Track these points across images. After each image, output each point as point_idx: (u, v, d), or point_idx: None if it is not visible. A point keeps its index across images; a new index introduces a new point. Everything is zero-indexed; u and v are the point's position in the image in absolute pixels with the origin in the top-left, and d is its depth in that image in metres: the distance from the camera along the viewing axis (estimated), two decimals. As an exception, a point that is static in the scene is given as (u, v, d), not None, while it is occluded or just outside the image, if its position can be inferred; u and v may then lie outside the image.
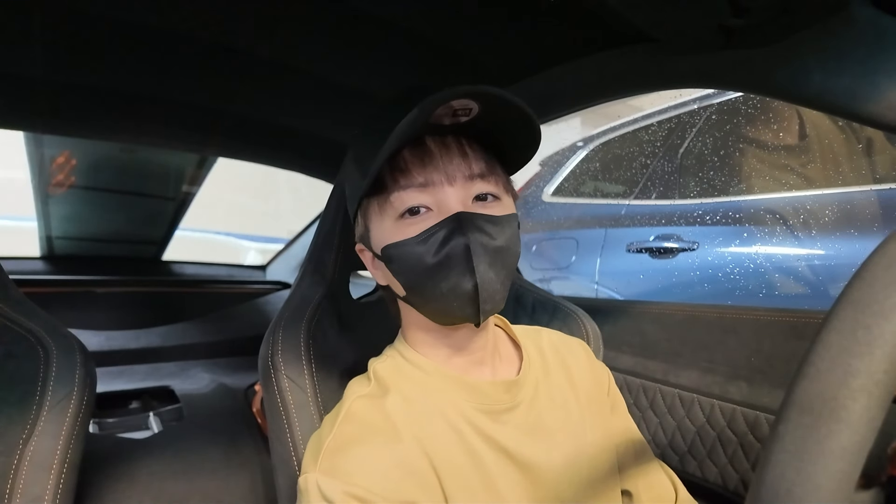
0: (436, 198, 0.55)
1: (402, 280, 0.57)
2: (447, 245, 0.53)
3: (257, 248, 3.58)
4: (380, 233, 0.58)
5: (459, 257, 0.53)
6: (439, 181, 0.55)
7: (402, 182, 0.55)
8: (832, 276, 1.48)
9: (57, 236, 2.27)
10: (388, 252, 0.56)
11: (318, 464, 0.51)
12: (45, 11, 0.88)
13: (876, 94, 0.58)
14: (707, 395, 1.08)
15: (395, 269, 0.57)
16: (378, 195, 0.56)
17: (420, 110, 0.49)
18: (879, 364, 0.30)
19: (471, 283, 0.53)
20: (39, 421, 0.79)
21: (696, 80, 0.81)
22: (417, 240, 0.54)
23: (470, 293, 0.53)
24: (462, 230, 0.53)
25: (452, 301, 0.54)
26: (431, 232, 0.54)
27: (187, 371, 2.06)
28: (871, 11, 0.58)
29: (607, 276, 2.18)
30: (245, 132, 1.55)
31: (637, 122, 2.36)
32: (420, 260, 0.54)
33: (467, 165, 0.56)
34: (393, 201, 0.55)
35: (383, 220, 0.57)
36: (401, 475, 0.51)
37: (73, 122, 1.43)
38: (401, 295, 0.60)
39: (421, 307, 0.58)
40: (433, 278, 0.54)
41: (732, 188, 1.89)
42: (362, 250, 0.64)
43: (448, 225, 0.53)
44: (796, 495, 0.30)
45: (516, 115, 0.54)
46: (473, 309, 0.54)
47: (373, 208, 0.58)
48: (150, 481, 1.19)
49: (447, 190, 0.55)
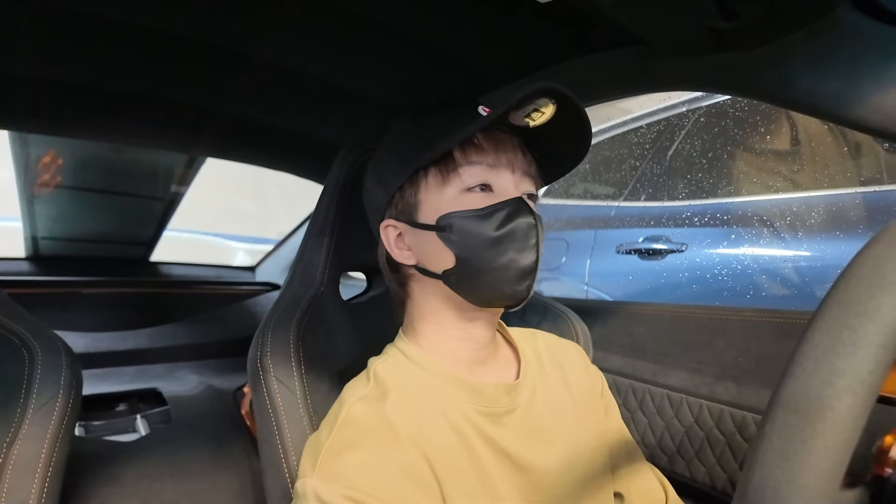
0: (499, 179, 0.59)
1: (457, 249, 0.57)
2: (511, 222, 0.56)
3: (246, 248, 3.56)
4: (437, 202, 0.59)
5: (524, 234, 0.56)
6: (505, 166, 0.59)
7: (475, 158, 0.58)
8: (818, 277, 1.50)
9: (43, 237, 2.23)
10: (447, 220, 0.58)
11: (317, 468, 0.50)
12: (31, 8, 0.87)
13: (861, 98, 0.59)
14: (695, 395, 1.09)
15: (451, 238, 0.58)
16: (442, 167, 0.59)
17: (524, 96, 0.53)
18: (864, 364, 0.30)
19: (533, 256, 0.57)
20: (24, 424, 0.78)
21: (684, 83, 0.81)
22: (483, 212, 0.56)
23: (529, 267, 0.57)
24: (528, 211, 0.57)
25: (506, 275, 0.56)
26: (497, 208, 0.56)
27: (175, 373, 2.04)
28: (857, 16, 0.59)
29: (597, 278, 2.19)
30: (235, 132, 1.53)
31: (626, 124, 2.37)
32: (482, 231, 0.56)
33: (527, 162, 0.61)
34: (462, 174, 0.58)
35: (444, 191, 0.59)
36: (400, 479, 0.51)
37: (59, 122, 1.41)
38: (439, 271, 0.59)
39: (467, 282, 0.58)
40: (494, 249, 0.56)
41: (721, 190, 1.91)
42: (389, 227, 0.63)
43: (513, 205, 0.57)
44: (782, 494, 0.30)
45: (577, 130, 0.59)
46: (525, 285, 0.57)
47: (432, 179, 0.59)
48: (137, 484, 1.18)
49: (510, 177, 0.59)
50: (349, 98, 1.19)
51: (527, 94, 0.53)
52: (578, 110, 0.57)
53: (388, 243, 0.63)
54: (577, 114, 0.57)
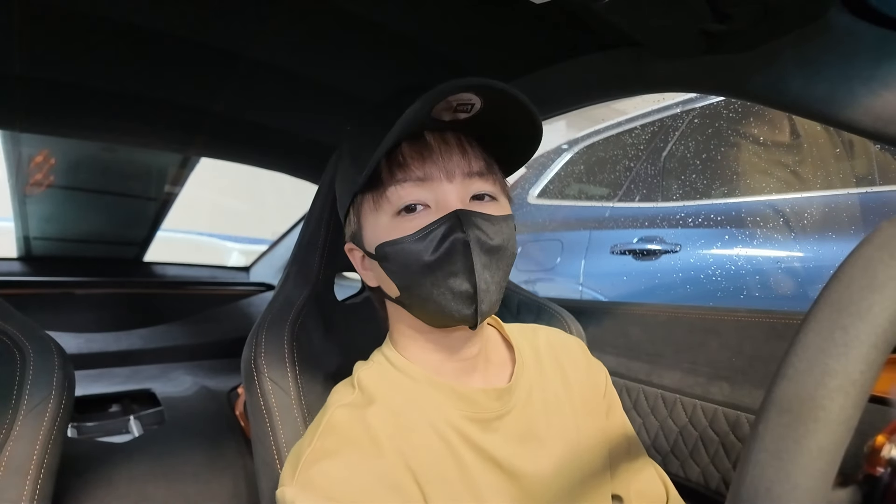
0: (434, 194, 0.53)
1: (397, 280, 0.55)
2: (445, 242, 0.51)
3: (241, 249, 3.54)
4: (374, 230, 0.56)
5: (458, 255, 0.51)
6: (438, 177, 0.53)
7: (400, 176, 0.53)
8: (811, 277, 1.51)
9: (35, 237, 2.22)
10: (382, 250, 0.54)
11: (296, 477, 0.50)
12: (24, 7, 0.86)
13: (852, 100, 0.60)
14: (689, 395, 1.09)
15: (390, 269, 0.55)
16: (373, 191, 0.55)
17: (423, 102, 0.48)
18: (856, 364, 0.30)
19: (469, 282, 0.52)
20: (16, 425, 0.77)
21: (678, 84, 0.82)
22: (415, 237, 0.52)
23: (468, 293, 0.52)
24: (462, 227, 0.51)
25: (450, 301, 0.52)
26: (430, 229, 0.52)
27: (169, 374, 2.03)
28: (848, 19, 0.60)
29: (591, 278, 2.19)
30: (229, 132, 1.53)
31: (621, 125, 2.38)
32: (417, 258, 0.52)
33: (467, 162, 0.55)
34: (389, 196, 0.53)
35: (378, 217, 0.55)
36: (379, 489, 0.50)
37: (52, 120, 1.40)
38: (393, 296, 0.58)
39: (416, 308, 0.56)
40: (430, 277, 0.52)
41: (714, 191, 1.91)
42: (352, 250, 0.62)
43: (447, 222, 0.52)
44: (775, 494, 0.30)
45: (518, 112, 0.53)
46: (471, 310, 0.53)
47: (367, 205, 0.56)
48: (130, 486, 1.17)
49: (446, 186, 0.53)
50: (344, 98, 1.19)
51: (433, 94, 0.48)
52: (507, 92, 0.51)
53: (356, 265, 0.62)
54: (508, 95, 0.51)
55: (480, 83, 0.49)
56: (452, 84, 0.48)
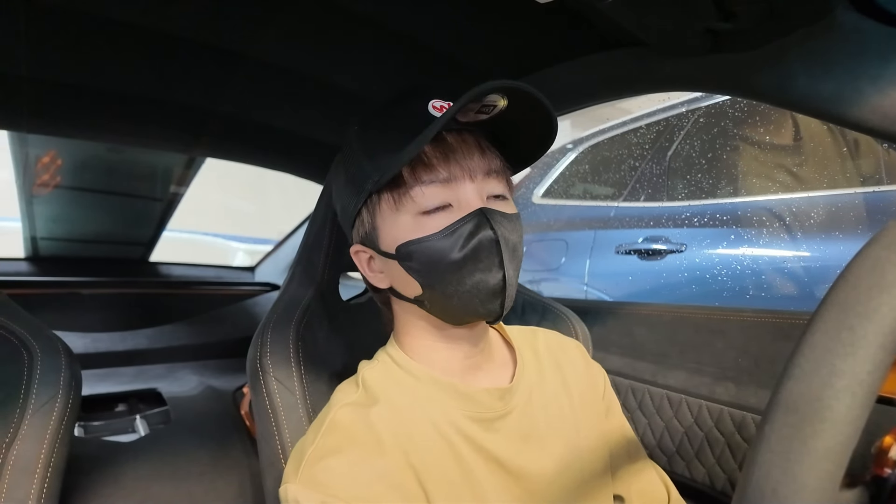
0: (457, 193, 0.54)
1: (421, 278, 0.55)
2: (473, 240, 0.52)
3: (246, 249, 3.55)
4: (394, 230, 0.56)
5: (487, 251, 0.53)
6: (461, 176, 0.54)
7: (425, 177, 0.54)
8: (817, 277, 1.50)
9: (42, 237, 2.23)
10: (406, 249, 0.54)
11: (299, 474, 0.50)
12: (30, 8, 0.87)
13: (859, 98, 0.59)
14: (695, 395, 1.09)
15: (413, 267, 0.55)
16: (393, 191, 0.55)
17: (458, 104, 0.49)
18: (863, 364, 0.30)
19: (499, 275, 0.53)
20: (23, 424, 0.78)
21: (683, 84, 0.81)
22: (442, 234, 0.53)
23: (497, 287, 0.53)
24: (489, 224, 0.53)
25: (477, 296, 0.54)
26: (457, 226, 0.53)
27: (175, 373, 2.04)
28: (854, 17, 0.59)
29: (596, 278, 2.19)
30: (234, 133, 1.53)
31: (626, 124, 2.37)
32: (444, 255, 0.53)
33: (486, 162, 0.56)
34: (414, 196, 0.54)
35: (399, 217, 0.55)
36: (382, 488, 0.50)
37: (58, 122, 1.41)
38: (412, 296, 0.58)
39: (437, 305, 0.57)
40: (458, 273, 0.53)
41: (720, 190, 1.91)
42: (359, 252, 0.61)
43: (474, 219, 0.53)
44: (782, 494, 0.30)
45: (536, 114, 0.55)
46: (497, 304, 0.54)
47: (385, 204, 0.56)
48: (136, 485, 1.18)
49: (468, 186, 0.54)
50: (348, 98, 1.19)
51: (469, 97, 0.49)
52: (531, 95, 0.52)
53: (362, 268, 0.62)
54: (532, 97, 0.52)
55: (513, 86, 0.50)
56: (488, 86, 0.49)
